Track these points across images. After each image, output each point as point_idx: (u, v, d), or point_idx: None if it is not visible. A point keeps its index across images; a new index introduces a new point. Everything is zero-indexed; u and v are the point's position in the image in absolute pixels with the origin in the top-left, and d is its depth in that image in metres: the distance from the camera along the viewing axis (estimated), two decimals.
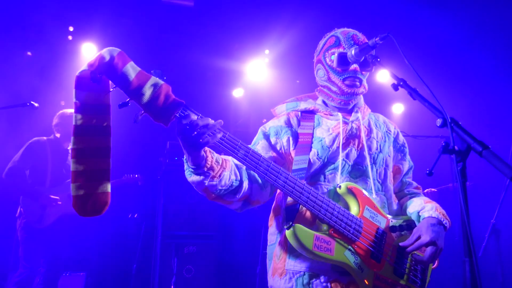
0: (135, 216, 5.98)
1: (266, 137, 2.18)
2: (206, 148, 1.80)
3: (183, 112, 1.70)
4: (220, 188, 1.87)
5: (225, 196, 1.93)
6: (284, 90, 6.65)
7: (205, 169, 1.81)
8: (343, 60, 2.16)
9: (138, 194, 6.05)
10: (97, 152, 1.69)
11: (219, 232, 5.66)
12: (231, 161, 1.93)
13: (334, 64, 2.18)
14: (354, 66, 2.15)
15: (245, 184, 1.96)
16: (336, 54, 2.17)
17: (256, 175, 2.01)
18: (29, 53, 5.76)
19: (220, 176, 1.85)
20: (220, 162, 1.86)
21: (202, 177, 1.82)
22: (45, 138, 4.59)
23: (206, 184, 1.84)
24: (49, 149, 4.53)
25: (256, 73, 6.43)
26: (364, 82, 2.24)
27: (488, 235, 3.65)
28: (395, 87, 1.81)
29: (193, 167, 1.81)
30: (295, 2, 5.33)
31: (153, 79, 1.68)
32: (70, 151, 1.70)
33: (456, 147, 1.47)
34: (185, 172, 1.87)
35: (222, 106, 6.65)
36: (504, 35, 5.48)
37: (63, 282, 4.83)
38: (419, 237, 2.01)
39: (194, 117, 1.71)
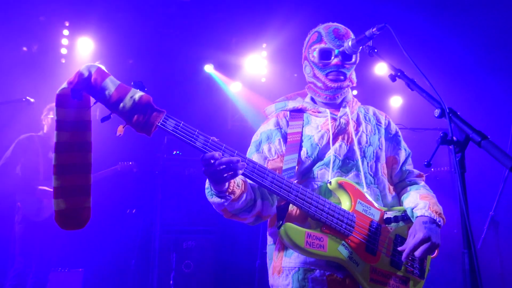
0: (133, 211, 5.97)
1: (258, 148, 2.18)
2: None
3: (164, 121, 1.73)
4: (237, 208, 1.94)
5: (240, 214, 1.99)
6: (282, 84, 6.62)
7: (227, 193, 1.86)
8: (324, 55, 2.18)
9: (136, 189, 6.04)
10: (78, 168, 1.73)
11: (218, 226, 5.66)
12: (247, 182, 1.97)
13: (316, 60, 2.19)
14: (336, 60, 2.15)
15: (258, 203, 2.01)
16: (317, 50, 2.19)
17: (266, 191, 2.03)
18: (24, 48, 5.72)
19: (239, 198, 1.90)
20: (241, 186, 1.91)
21: (223, 200, 1.88)
22: (33, 134, 4.63)
23: (226, 205, 1.90)
24: (39, 144, 4.58)
25: (254, 67, 6.40)
26: (352, 76, 2.23)
27: (487, 227, 3.65)
28: (393, 77, 1.79)
29: (215, 191, 1.87)
30: None
31: (133, 91, 1.71)
32: (52, 166, 1.73)
33: (454, 138, 1.45)
34: (206, 191, 1.93)
35: (219, 100, 6.63)
36: (499, 29, 5.49)
37: (61, 278, 4.83)
38: (414, 236, 2.00)
39: (217, 154, 1.75)
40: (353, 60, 2.17)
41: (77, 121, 1.71)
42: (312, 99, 2.30)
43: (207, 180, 1.89)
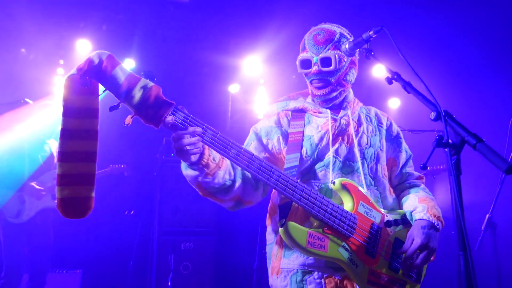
0: (132, 213, 5.97)
1: (258, 137, 2.18)
2: (205, 145, 1.80)
3: (173, 114, 1.71)
4: (213, 185, 1.89)
5: (217, 194, 1.94)
6: (280, 85, 6.62)
7: (200, 165, 1.81)
8: (304, 64, 2.19)
9: (134, 190, 6.04)
10: (84, 156, 1.69)
11: (216, 228, 5.66)
12: (228, 161, 1.92)
13: (299, 69, 2.22)
14: (315, 68, 2.15)
15: (237, 184, 1.96)
16: (299, 59, 2.21)
17: (249, 175, 2.00)
18: (22, 50, 5.72)
19: (214, 174, 1.85)
20: (217, 160, 1.86)
21: (197, 173, 1.84)
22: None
23: (200, 180, 1.86)
24: (25, 141, 4.46)
25: (252, 68, 6.41)
26: (346, 77, 2.20)
27: (484, 229, 3.65)
28: (389, 80, 1.80)
29: (187, 162, 1.82)
30: None
31: (143, 81, 1.68)
32: (56, 154, 1.71)
33: (450, 140, 1.46)
34: (181, 164, 1.87)
35: (218, 101, 6.63)
36: (497, 30, 5.49)
37: (59, 279, 4.82)
38: (412, 241, 2.01)
39: (192, 129, 1.72)
40: (333, 66, 2.12)
41: (85, 108, 1.67)
42: (313, 100, 2.30)
43: None
